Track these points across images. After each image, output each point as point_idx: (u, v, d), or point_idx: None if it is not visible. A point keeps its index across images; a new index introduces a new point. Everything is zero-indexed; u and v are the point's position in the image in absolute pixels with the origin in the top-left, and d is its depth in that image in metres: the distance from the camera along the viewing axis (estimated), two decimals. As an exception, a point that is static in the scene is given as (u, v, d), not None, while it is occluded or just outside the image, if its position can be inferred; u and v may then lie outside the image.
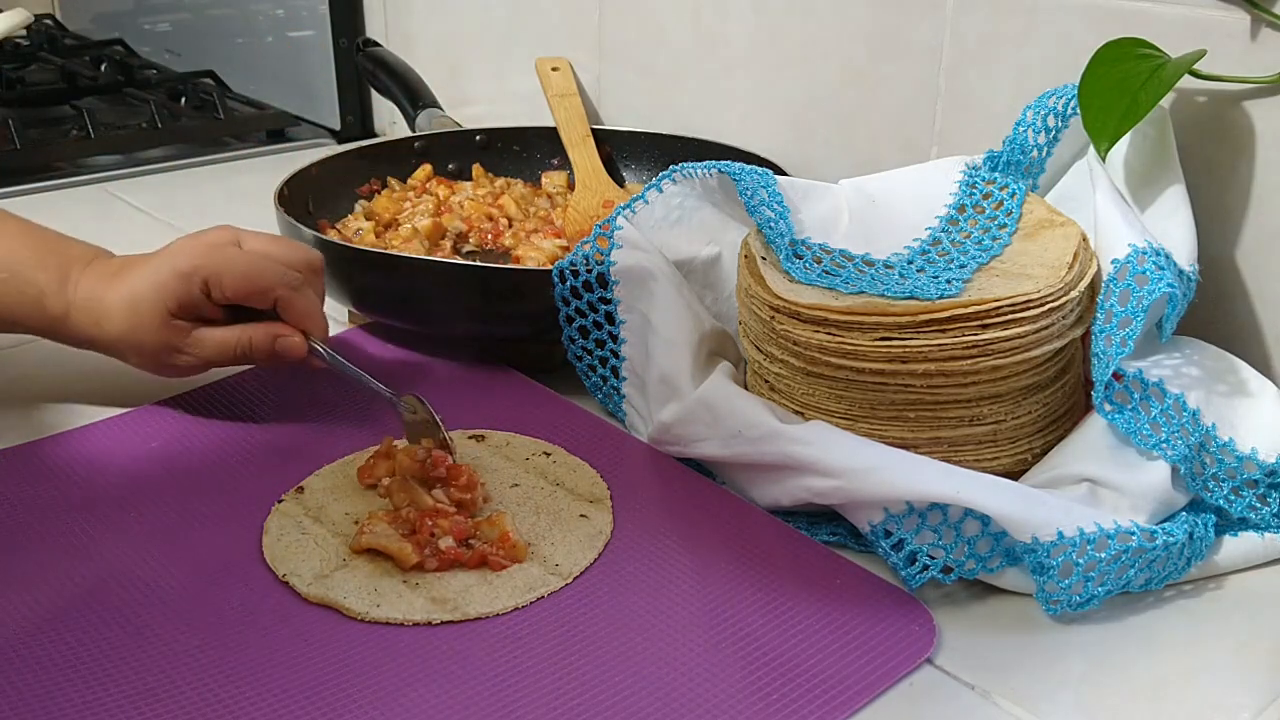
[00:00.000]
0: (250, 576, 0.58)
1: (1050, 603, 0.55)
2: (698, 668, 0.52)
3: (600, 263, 0.72)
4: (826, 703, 0.50)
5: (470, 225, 0.93)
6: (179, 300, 0.68)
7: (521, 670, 0.52)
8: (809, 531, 0.62)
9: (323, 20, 1.33)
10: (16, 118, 1.19)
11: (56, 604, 0.55)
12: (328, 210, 0.94)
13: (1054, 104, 0.70)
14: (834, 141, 0.92)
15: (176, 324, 0.68)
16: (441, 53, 1.28)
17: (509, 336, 0.79)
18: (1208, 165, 0.70)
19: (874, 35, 0.87)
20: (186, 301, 0.68)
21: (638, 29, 1.06)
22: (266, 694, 0.50)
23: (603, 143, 1.03)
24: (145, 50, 1.62)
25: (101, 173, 1.20)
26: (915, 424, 0.61)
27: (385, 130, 1.38)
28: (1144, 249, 0.59)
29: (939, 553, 0.57)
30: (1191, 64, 0.65)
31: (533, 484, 0.65)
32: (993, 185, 0.70)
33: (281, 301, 0.69)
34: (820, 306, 0.60)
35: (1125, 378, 0.59)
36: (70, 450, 0.69)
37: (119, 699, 0.49)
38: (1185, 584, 0.59)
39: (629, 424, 0.73)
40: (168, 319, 0.68)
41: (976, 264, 0.63)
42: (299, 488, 0.65)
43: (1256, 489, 0.60)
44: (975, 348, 0.58)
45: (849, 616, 0.55)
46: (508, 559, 0.58)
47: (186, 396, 0.75)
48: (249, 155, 1.29)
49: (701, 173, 0.73)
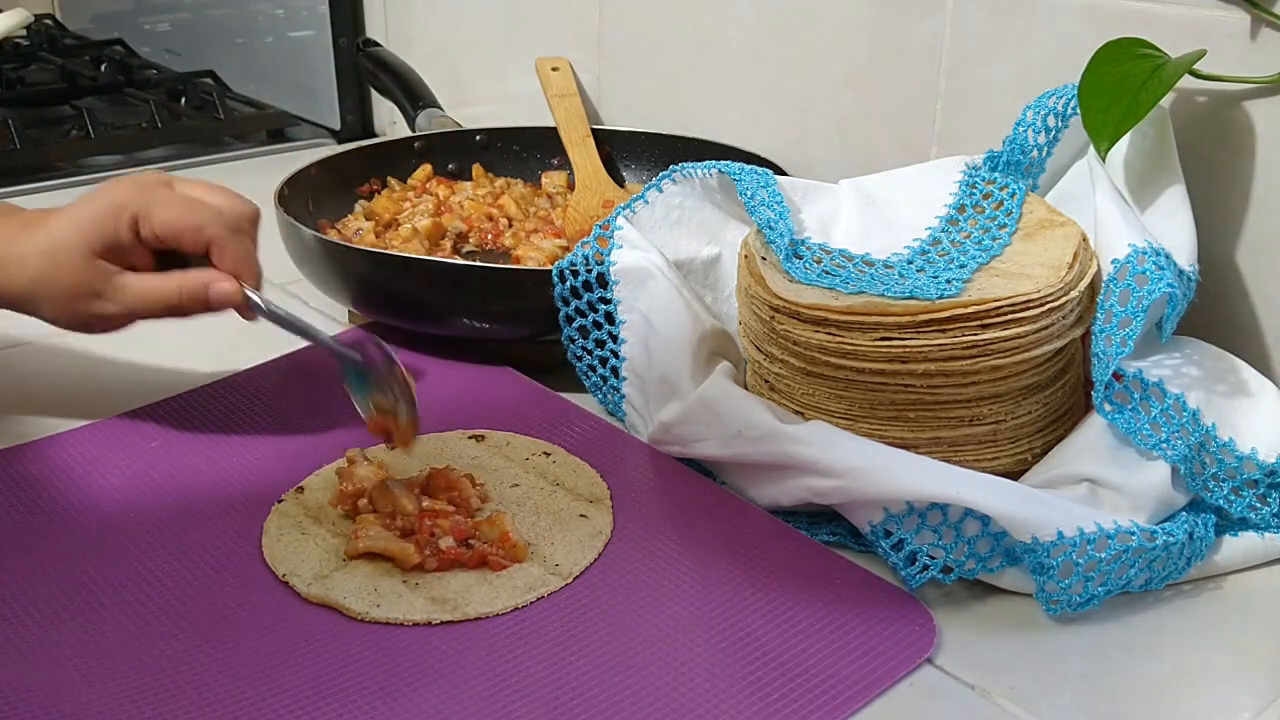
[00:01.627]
0: (250, 576, 0.58)
1: (1050, 603, 0.55)
2: (698, 668, 0.52)
3: (600, 263, 0.72)
4: (826, 702, 0.50)
5: (470, 225, 0.93)
6: (103, 238, 0.62)
7: (521, 670, 0.52)
8: (809, 531, 0.62)
9: (323, 20, 1.33)
10: (16, 118, 1.19)
11: (56, 604, 0.55)
12: (328, 210, 0.94)
13: (1054, 104, 0.70)
14: (834, 141, 0.92)
15: (99, 264, 0.63)
16: (441, 53, 1.28)
17: (509, 336, 0.79)
18: (1208, 165, 0.70)
19: (874, 35, 0.87)
20: (112, 240, 0.63)
21: (638, 29, 1.06)
22: (266, 694, 0.50)
23: (603, 143, 1.03)
24: (145, 50, 1.62)
25: (101, 173, 1.19)
26: (915, 424, 0.61)
27: (385, 130, 1.38)
28: (1144, 249, 0.59)
29: (939, 553, 0.57)
30: (1191, 64, 0.65)
31: (533, 484, 0.65)
32: (993, 185, 0.70)
33: (215, 243, 0.64)
34: (820, 306, 0.60)
35: (1125, 378, 0.59)
36: (70, 451, 0.69)
37: (119, 699, 0.49)
38: (1185, 584, 0.59)
39: (629, 424, 0.73)
40: (90, 258, 0.63)
41: (976, 264, 0.63)
42: (299, 488, 0.65)
43: (1256, 489, 0.60)
44: (975, 348, 0.58)
45: (849, 616, 0.55)
46: (508, 559, 0.58)
47: (186, 396, 0.75)
48: (249, 155, 1.29)
49: (701, 173, 0.73)
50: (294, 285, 0.91)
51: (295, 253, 0.83)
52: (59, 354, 0.73)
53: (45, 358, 0.78)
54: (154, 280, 0.64)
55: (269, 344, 0.80)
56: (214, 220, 0.64)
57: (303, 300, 0.90)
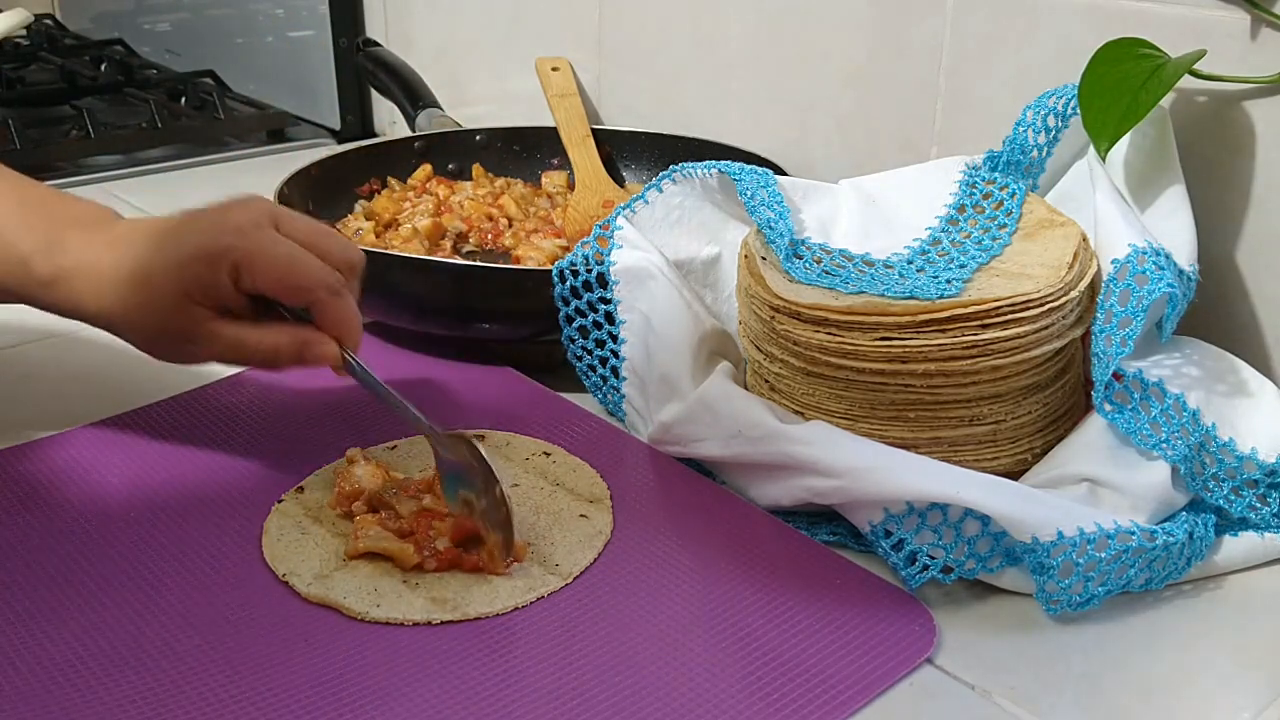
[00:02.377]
0: (250, 576, 0.58)
1: (1050, 603, 0.55)
2: (698, 668, 0.52)
3: (600, 263, 0.72)
4: (826, 702, 0.50)
5: (470, 225, 0.93)
6: (201, 285, 0.59)
7: (521, 670, 0.52)
8: (809, 531, 0.62)
9: (323, 20, 1.33)
10: (16, 118, 1.20)
11: (56, 603, 0.55)
12: (328, 210, 0.94)
13: (1054, 104, 0.70)
14: (834, 141, 0.92)
15: (194, 310, 0.60)
16: (441, 52, 1.28)
17: (509, 336, 0.79)
18: (1208, 165, 0.70)
19: (874, 35, 0.87)
20: (210, 288, 0.59)
21: (638, 29, 1.06)
22: (266, 694, 0.50)
23: (603, 143, 1.03)
24: (145, 50, 1.62)
25: (101, 173, 1.20)
26: (915, 424, 0.61)
27: (385, 130, 1.38)
28: (1144, 249, 0.59)
29: (939, 553, 0.57)
30: (1191, 64, 0.65)
31: (533, 484, 0.65)
32: (993, 185, 0.70)
33: (318, 305, 0.61)
34: (820, 306, 0.60)
35: (1125, 378, 0.59)
36: (70, 451, 0.68)
37: (119, 699, 0.49)
38: (1185, 584, 0.59)
39: (629, 424, 0.73)
40: (184, 303, 0.60)
41: (976, 264, 0.63)
42: (299, 488, 0.65)
43: (1256, 489, 0.60)
44: (975, 348, 0.58)
45: (849, 616, 0.55)
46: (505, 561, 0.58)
47: (186, 396, 0.75)
48: (249, 155, 1.29)
49: (701, 173, 0.73)
50: (294, 285, 0.91)
51: (295, 253, 0.83)
52: (59, 354, 0.73)
53: (45, 357, 0.78)
54: (250, 334, 0.61)
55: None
56: (318, 281, 0.60)
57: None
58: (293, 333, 0.62)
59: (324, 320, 0.62)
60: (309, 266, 0.60)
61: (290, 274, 0.60)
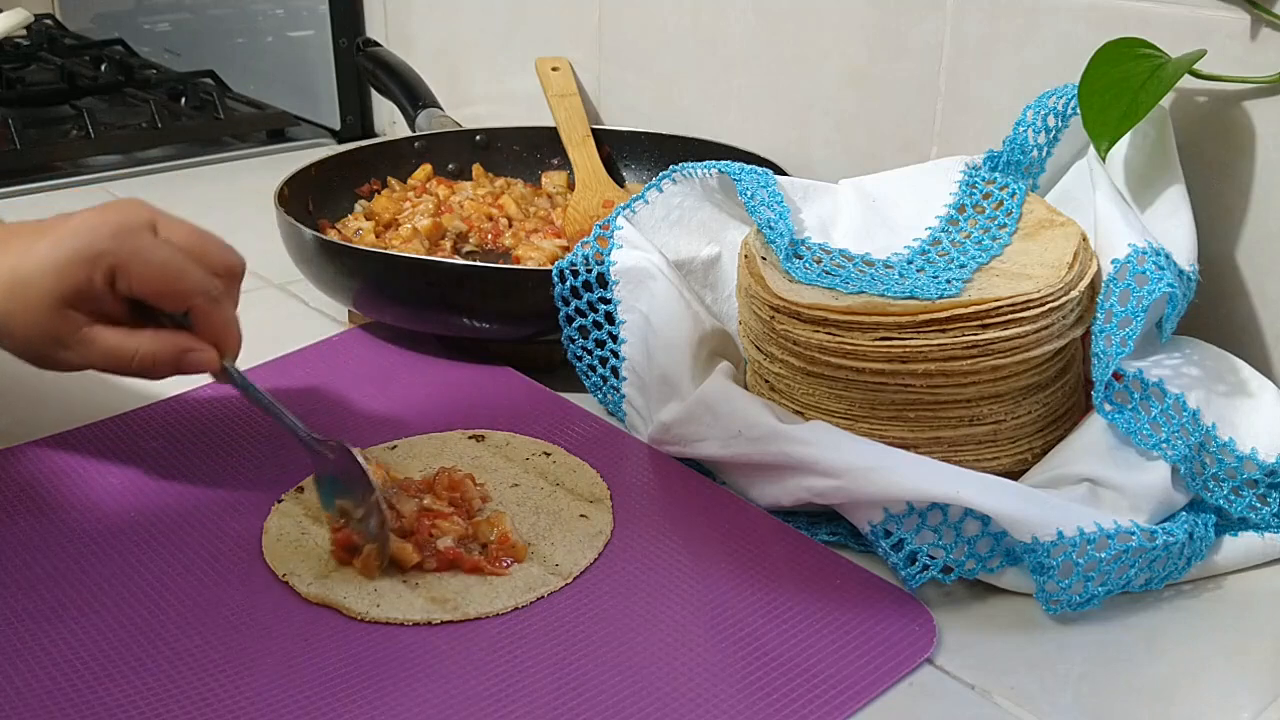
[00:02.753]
0: (250, 576, 0.58)
1: (1050, 603, 0.55)
2: (697, 668, 0.52)
3: (600, 263, 0.72)
4: (827, 702, 0.50)
5: (470, 225, 0.93)
6: (76, 289, 0.57)
7: (521, 670, 0.52)
8: (809, 531, 0.62)
9: (323, 20, 1.33)
10: (16, 118, 1.19)
11: (56, 603, 0.55)
12: (328, 210, 0.94)
13: (1054, 104, 0.70)
14: (834, 141, 0.92)
15: (68, 314, 0.58)
16: (441, 53, 1.28)
17: (509, 336, 0.79)
18: (1208, 165, 0.70)
19: (874, 35, 0.87)
20: (85, 291, 0.58)
21: (638, 29, 1.06)
22: (266, 694, 0.50)
23: (603, 143, 1.03)
24: (145, 50, 1.62)
25: (101, 173, 1.20)
26: (915, 424, 0.61)
27: (385, 130, 1.38)
28: (1144, 249, 0.59)
29: (939, 553, 0.57)
30: (1191, 64, 0.65)
31: (533, 484, 0.65)
32: (993, 185, 0.70)
33: (197, 311, 0.60)
34: (820, 306, 0.60)
35: (1125, 378, 0.59)
36: (69, 450, 0.69)
37: (119, 699, 0.49)
38: (1185, 584, 0.59)
39: (629, 424, 0.73)
40: (59, 308, 0.58)
41: (976, 264, 0.63)
42: (299, 488, 0.65)
43: (1256, 489, 0.60)
44: (975, 348, 0.58)
45: (849, 616, 0.55)
46: (507, 559, 0.58)
47: (186, 396, 0.75)
48: (249, 155, 1.29)
49: (701, 173, 0.73)
50: (294, 285, 0.91)
51: (295, 253, 0.83)
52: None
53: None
54: (127, 340, 0.60)
55: (270, 344, 0.80)
56: (198, 287, 0.60)
57: (303, 300, 0.90)
58: (171, 339, 0.60)
59: (203, 327, 0.61)
60: (187, 272, 0.59)
61: (168, 279, 0.59)
